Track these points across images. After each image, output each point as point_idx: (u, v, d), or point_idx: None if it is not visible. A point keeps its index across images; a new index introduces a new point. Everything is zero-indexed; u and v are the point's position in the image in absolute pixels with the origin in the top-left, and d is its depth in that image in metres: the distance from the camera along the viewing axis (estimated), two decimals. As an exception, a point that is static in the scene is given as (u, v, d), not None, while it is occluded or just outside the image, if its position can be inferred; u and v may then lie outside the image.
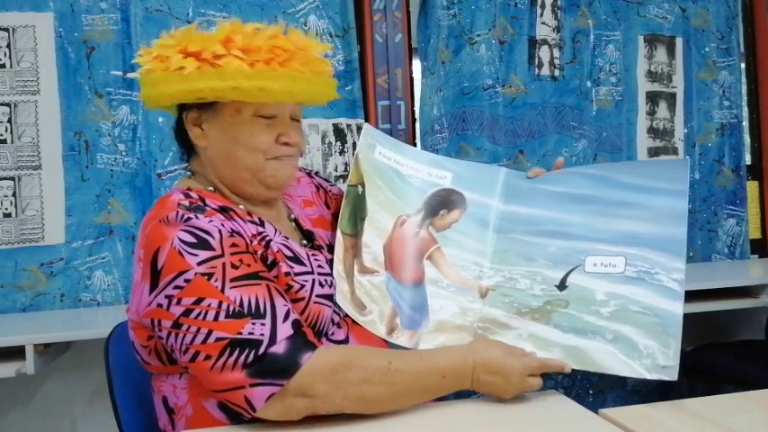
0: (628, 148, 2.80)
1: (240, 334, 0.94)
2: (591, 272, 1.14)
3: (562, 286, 1.15)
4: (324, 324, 1.10)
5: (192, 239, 0.99)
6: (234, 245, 1.01)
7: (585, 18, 2.72)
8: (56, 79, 2.21)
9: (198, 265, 0.97)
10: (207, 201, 1.08)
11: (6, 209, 2.18)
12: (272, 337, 0.95)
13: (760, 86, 2.99)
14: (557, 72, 2.70)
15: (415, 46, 2.61)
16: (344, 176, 2.42)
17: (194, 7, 2.30)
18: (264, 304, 0.97)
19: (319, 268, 1.14)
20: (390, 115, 2.49)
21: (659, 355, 1.02)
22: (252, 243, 1.05)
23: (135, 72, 1.15)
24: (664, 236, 1.12)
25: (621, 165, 1.97)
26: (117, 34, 2.25)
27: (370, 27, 2.49)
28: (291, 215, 1.23)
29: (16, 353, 1.75)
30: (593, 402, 2.69)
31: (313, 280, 1.10)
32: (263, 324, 0.95)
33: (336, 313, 1.13)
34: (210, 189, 1.14)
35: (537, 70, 2.67)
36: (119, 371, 1.26)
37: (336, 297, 1.13)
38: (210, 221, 1.02)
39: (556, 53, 2.69)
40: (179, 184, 1.17)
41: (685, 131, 2.86)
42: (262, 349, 0.94)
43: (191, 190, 1.11)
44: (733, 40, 2.91)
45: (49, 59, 2.21)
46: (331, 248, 1.21)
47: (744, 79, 3.00)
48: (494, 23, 2.61)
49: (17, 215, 2.18)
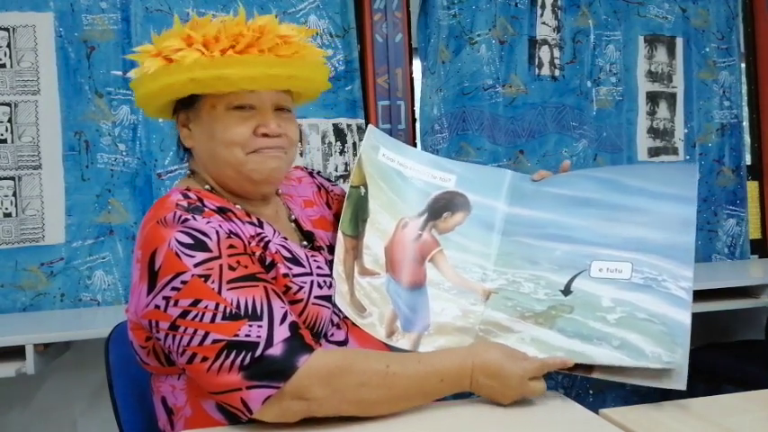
0: (628, 148, 2.79)
1: (237, 336, 0.94)
2: (596, 277, 1.11)
3: (567, 291, 1.12)
4: (323, 325, 1.09)
5: (190, 241, 0.99)
6: (231, 246, 1.01)
7: (586, 18, 2.72)
8: (56, 79, 2.21)
9: (195, 266, 0.97)
10: (205, 201, 1.08)
11: (6, 209, 2.18)
12: (269, 339, 0.94)
13: (760, 86, 2.99)
14: (557, 72, 2.69)
15: (415, 46, 2.61)
16: (345, 176, 2.42)
17: (194, 7, 2.29)
18: (261, 306, 0.97)
19: (318, 269, 1.13)
20: (390, 115, 2.49)
21: (666, 360, 1.00)
22: (250, 244, 1.05)
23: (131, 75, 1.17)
24: (671, 243, 1.10)
25: (628, 168, 1.94)
26: (117, 34, 2.25)
27: (370, 27, 2.49)
28: (292, 215, 1.23)
29: (16, 353, 1.75)
30: (593, 402, 2.69)
31: (311, 281, 1.10)
32: (259, 326, 0.95)
33: (336, 314, 1.13)
34: (208, 188, 1.14)
35: (537, 70, 2.67)
36: (119, 371, 1.26)
37: (335, 298, 1.13)
38: (208, 223, 1.02)
39: (556, 53, 2.69)
40: (179, 184, 1.17)
41: (685, 131, 2.86)
42: (258, 351, 0.93)
43: (190, 190, 1.10)
44: (733, 40, 2.91)
45: (50, 59, 2.21)
46: (331, 249, 1.20)
47: (744, 79, 3.00)
48: (494, 23, 2.60)
49: (17, 215, 2.18)
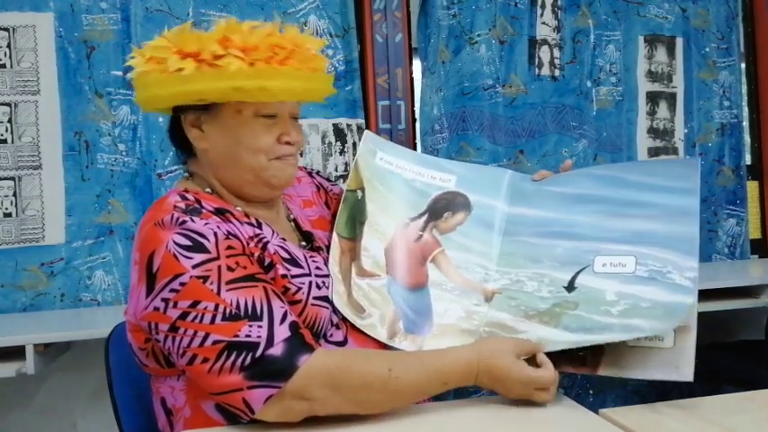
0: (628, 148, 2.79)
1: (237, 336, 0.94)
2: (600, 272, 1.11)
3: (571, 288, 1.11)
4: (322, 326, 1.09)
5: (188, 242, 0.99)
6: (230, 247, 1.01)
7: (586, 18, 2.72)
8: (56, 79, 2.21)
9: (193, 268, 0.97)
10: (203, 203, 1.07)
11: (6, 209, 2.18)
12: (270, 339, 0.94)
13: (760, 86, 2.99)
14: (557, 72, 2.69)
15: (415, 46, 2.60)
16: (345, 176, 2.41)
17: (194, 7, 2.29)
18: (261, 306, 0.97)
19: (317, 270, 1.13)
20: (390, 115, 2.49)
21: (661, 328, 1.00)
22: (248, 245, 1.05)
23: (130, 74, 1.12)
24: (675, 234, 1.09)
25: (630, 165, 1.93)
26: (117, 34, 2.25)
27: (370, 27, 2.48)
28: (291, 216, 1.23)
29: (16, 353, 1.75)
30: (593, 402, 2.69)
31: (310, 282, 1.10)
32: (259, 326, 0.95)
33: (335, 314, 1.13)
34: (208, 191, 1.13)
35: (537, 70, 2.67)
36: (119, 371, 1.26)
37: (332, 297, 1.13)
38: (206, 224, 1.02)
39: (556, 53, 2.68)
40: (177, 185, 1.17)
41: (685, 131, 2.86)
42: (259, 352, 0.93)
43: (188, 191, 1.10)
44: (733, 40, 2.90)
45: (50, 59, 2.21)
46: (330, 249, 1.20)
47: (744, 79, 2.99)
48: (494, 23, 2.60)
49: (17, 215, 2.18)
